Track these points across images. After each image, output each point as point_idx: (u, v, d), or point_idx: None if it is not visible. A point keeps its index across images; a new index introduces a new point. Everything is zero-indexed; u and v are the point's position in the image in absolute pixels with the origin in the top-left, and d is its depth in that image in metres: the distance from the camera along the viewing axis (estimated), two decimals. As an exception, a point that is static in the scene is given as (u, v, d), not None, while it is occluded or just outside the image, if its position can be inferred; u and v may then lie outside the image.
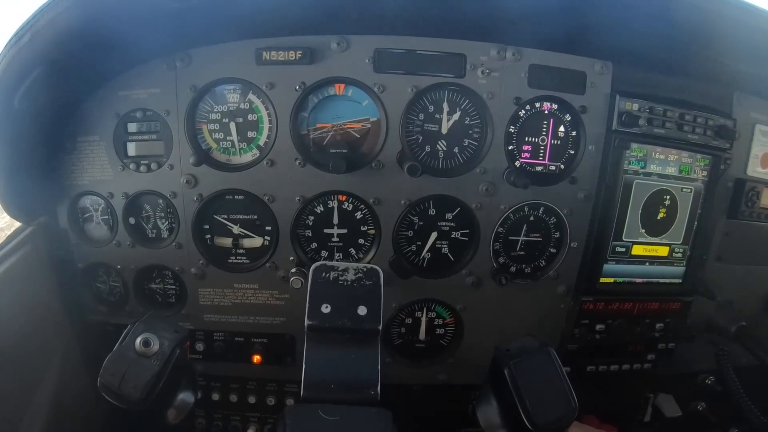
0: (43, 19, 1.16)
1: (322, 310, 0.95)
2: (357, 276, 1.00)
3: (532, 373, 1.01)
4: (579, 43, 1.48)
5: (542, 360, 1.04)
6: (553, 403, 0.98)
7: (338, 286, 0.98)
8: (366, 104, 1.52)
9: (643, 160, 1.59)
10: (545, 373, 1.02)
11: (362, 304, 0.97)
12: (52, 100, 1.42)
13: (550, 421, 0.96)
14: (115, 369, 0.91)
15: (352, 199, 1.58)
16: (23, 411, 1.37)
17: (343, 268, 1.01)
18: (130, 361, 0.92)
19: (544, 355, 1.05)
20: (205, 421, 1.86)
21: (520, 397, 0.98)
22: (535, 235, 1.65)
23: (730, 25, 1.28)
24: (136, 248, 1.62)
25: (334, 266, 1.01)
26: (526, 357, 1.04)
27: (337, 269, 1.00)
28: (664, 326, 1.74)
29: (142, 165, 1.55)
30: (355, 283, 0.99)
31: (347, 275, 1.00)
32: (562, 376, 1.02)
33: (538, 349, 1.07)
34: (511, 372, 1.02)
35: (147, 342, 0.94)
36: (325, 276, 0.99)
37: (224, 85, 1.51)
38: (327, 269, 1.00)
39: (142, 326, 0.97)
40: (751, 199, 1.73)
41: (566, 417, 0.98)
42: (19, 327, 1.37)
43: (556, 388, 1.00)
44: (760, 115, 1.70)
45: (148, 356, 0.93)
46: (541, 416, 0.96)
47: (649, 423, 1.99)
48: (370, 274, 1.01)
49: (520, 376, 1.01)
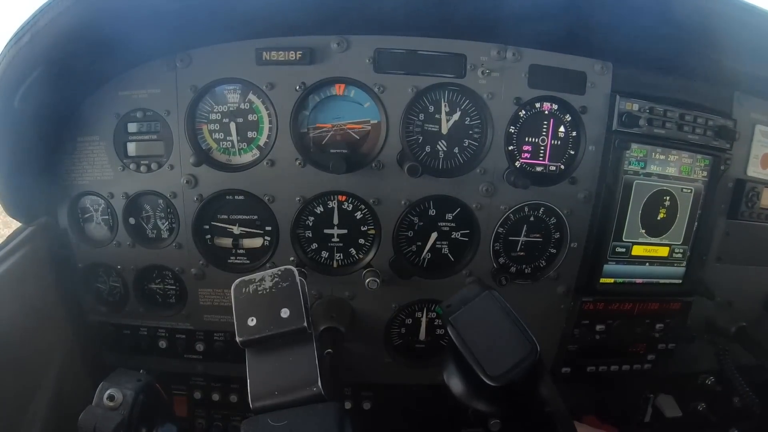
0: (43, 19, 1.16)
1: (248, 323, 0.95)
2: (274, 281, 0.99)
3: (476, 324, 0.94)
4: (579, 43, 1.48)
5: (485, 306, 0.97)
6: (507, 349, 0.91)
7: (258, 296, 0.97)
8: (368, 106, 1.52)
9: (644, 161, 1.59)
10: (491, 319, 0.95)
11: (284, 307, 0.95)
12: (53, 100, 1.42)
13: (508, 368, 0.89)
14: (87, 425, 1.03)
15: (352, 199, 1.58)
16: (23, 411, 1.37)
17: (260, 278, 1.00)
18: (99, 416, 1.04)
19: (486, 300, 0.97)
20: (205, 421, 1.86)
21: (469, 353, 0.92)
22: (535, 235, 1.65)
23: (730, 25, 1.28)
24: (136, 248, 1.62)
25: (252, 279, 1.00)
26: (465, 308, 0.97)
27: (254, 281, 1.00)
28: (664, 326, 1.74)
29: (142, 165, 1.55)
30: (273, 289, 0.98)
31: (264, 284, 0.99)
32: (510, 317, 0.95)
33: (478, 295, 0.99)
34: (453, 328, 0.95)
35: (111, 396, 1.06)
36: (246, 291, 0.99)
37: (224, 85, 1.51)
38: (245, 284, 1.00)
39: (107, 384, 1.09)
40: (751, 200, 1.73)
41: (526, 359, 0.90)
42: (19, 327, 1.37)
43: (507, 333, 0.93)
44: (761, 115, 1.70)
45: (115, 408, 1.05)
46: (496, 367, 0.89)
47: (649, 423, 1.99)
48: (285, 275, 1.00)
49: (464, 330, 0.94)
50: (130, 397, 1.07)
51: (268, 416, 0.87)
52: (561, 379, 1.77)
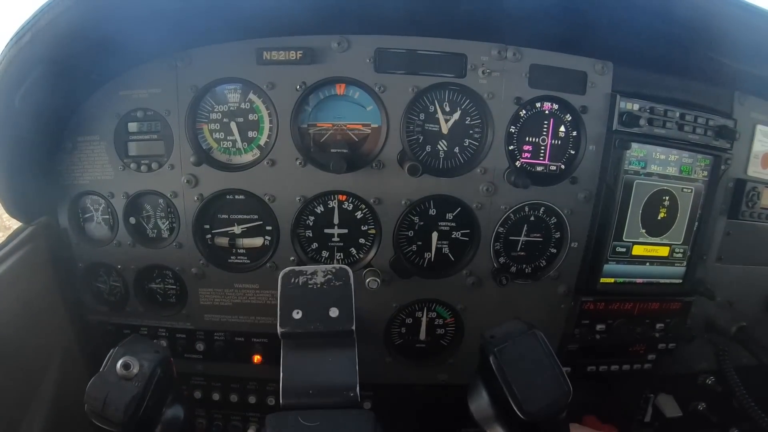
0: (43, 19, 1.16)
1: (293, 316, 0.93)
2: (326, 278, 0.98)
3: (518, 359, 0.96)
4: (579, 43, 1.48)
5: (529, 344, 0.98)
6: (544, 388, 0.93)
7: (308, 290, 0.96)
8: (370, 109, 1.52)
9: (644, 160, 1.59)
10: (533, 357, 0.96)
11: (333, 306, 0.94)
12: (53, 99, 1.42)
13: (542, 407, 0.91)
14: (97, 394, 0.92)
15: (353, 198, 1.58)
16: (23, 411, 1.37)
17: (312, 271, 0.98)
18: (111, 384, 0.93)
19: (531, 338, 0.99)
20: (205, 421, 1.86)
21: (507, 385, 0.93)
22: (535, 235, 1.65)
23: (730, 24, 1.28)
24: (136, 248, 1.62)
25: (303, 270, 0.98)
26: (511, 342, 0.98)
27: (305, 273, 0.98)
28: (665, 326, 1.74)
29: (142, 165, 1.55)
30: (324, 285, 0.97)
31: (316, 278, 0.97)
32: (551, 358, 0.96)
33: (524, 332, 1.00)
34: (496, 359, 0.96)
35: (127, 365, 0.94)
36: (294, 281, 0.97)
37: (225, 84, 1.51)
38: (295, 274, 0.98)
39: (123, 350, 0.98)
40: (751, 200, 1.73)
41: (559, 401, 0.93)
42: (19, 327, 1.37)
43: (546, 372, 0.95)
44: (761, 115, 1.70)
45: (129, 379, 0.94)
46: (531, 403, 0.91)
47: (649, 423, 1.99)
48: (339, 274, 0.98)
49: (506, 363, 0.95)
50: (147, 369, 0.96)
51: (299, 414, 0.86)
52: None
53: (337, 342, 0.94)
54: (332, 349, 0.94)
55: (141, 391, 0.94)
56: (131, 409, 0.92)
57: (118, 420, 0.92)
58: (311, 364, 0.93)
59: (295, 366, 0.93)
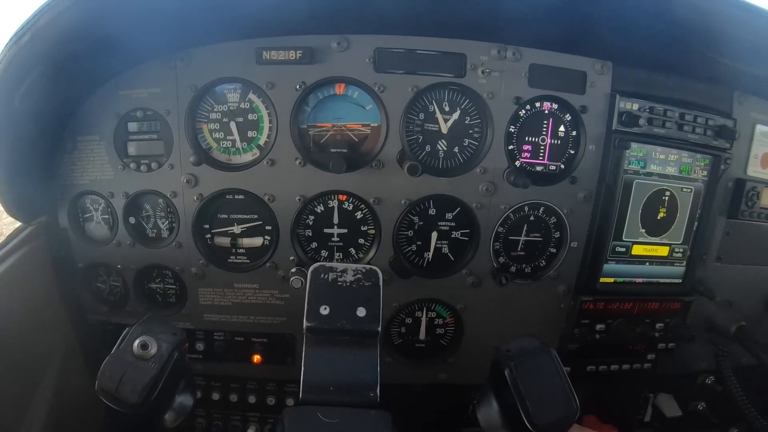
0: (43, 19, 1.16)
1: (320, 311, 0.93)
2: (356, 277, 0.99)
3: (532, 375, 1.01)
4: (579, 42, 1.48)
5: (543, 361, 1.04)
6: (554, 404, 0.98)
7: (337, 287, 0.97)
8: (370, 108, 1.52)
9: (644, 160, 1.59)
10: (546, 374, 1.02)
11: (361, 306, 0.95)
12: (53, 99, 1.42)
13: (551, 422, 0.96)
14: (113, 372, 0.90)
15: (352, 198, 1.58)
16: (23, 411, 1.37)
17: (342, 269, 0.99)
18: (128, 364, 0.91)
19: (545, 355, 1.04)
20: (205, 421, 1.85)
21: (520, 398, 0.98)
22: (535, 234, 1.65)
23: (730, 25, 1.28)
24: (136, 248, 1.62)
25: (333, 267, 0.99)
26: (527, 358, 1.04)
27: (336, 270, 0.99)
28: (664, 326, 1.74)
29: (142, 164, 1.55)
30: (354, 284, 0.98)
31: (346, 276, 0.98)
32: (563, 377, 1.02)
33: (539, 350, 1.06)
34: (511, 373, 1.01)
35: (145, 345, 0.92)
36: (324, 277, 0.98)
37: (224, 84, 1.51)
38: (326, 270, 0.99)
39: (140, 329, 0.95)
40: (751, 199, 1.73)
41: (567, 418, 0.98)
42: (19, 327, 1.37)
43: (557, 390, 1.00)
44: (760, 115, 1.70)
45: (146, 359, 0.92)
46: (541, 417, 0.96)
47: (649, 423, 1.99)
48: (369, 275, 1.00)
49: (521, 378, 1.00)
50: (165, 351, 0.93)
51: (318, 410, 0.87)
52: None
53: (361, 341, 0.95)
54: (356, 349, 0.95)
55: (158, 373, 0.91)
56: (146, 391, 0.90)
57: (132, 401, 0.90)
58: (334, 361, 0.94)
59: (317, 362, 0.93)
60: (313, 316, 0.93)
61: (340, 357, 0.94)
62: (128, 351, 0.92)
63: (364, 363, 0.94)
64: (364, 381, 0.92)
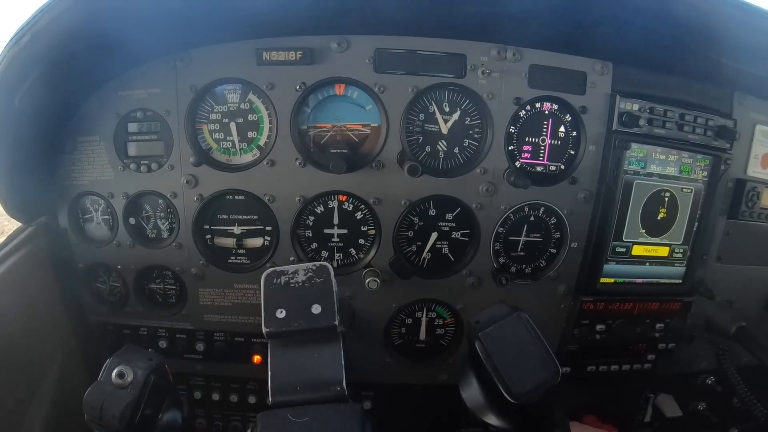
0: (43, 20, 1.16)
1: (277, 315, 0.94)
2: (307, 276, 0.98)
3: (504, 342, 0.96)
4: (579, 43, 1.48)
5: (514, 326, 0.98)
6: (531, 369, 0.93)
7: (290, 289, 0.97)
8: (369, 108, 1.52)
9: (644, 161, 1.59)
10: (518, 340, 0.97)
11: (316, 303, 0.95)
12: (53, 100, 1.42)
13: (531, 389, 0.91)
14: (94, 402, 0.96)
15: (352, 199, 1.58)
16: (24, 411, 1.37)
17: (293, 270, 0.99)
18: (107, 393, 0.98)
19: (515, 320, 0.99)
20: (205, 421, 1.86)
21: (494, 369, 0.93)
22: (535, 235, 1.65)
23: (730, 25, 1.28)
24: (136, 248, 1.62)
25: (285, 270, 0.99)
26: (495, 326, 0.98)
27: (287, 273, 0.99)
28: (664, 326, 1.74)
29: (142, 165, 1.55)
30: (306, 284, 0.97)
31: (298, 277, 0.98)
32: (537, 339, 0.97)
33: (508, 315, 1.01)
34: (481, 344, 0.97)
35: (121, 374, 0.99)
36: (277, 282, 0.98)
37: (224, 85, 1.51)
38: (277, 275, 0.99)
39: (117, 360, 1.03)
40: (751, 200, 1.73)
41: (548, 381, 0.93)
42: (19, 327, 1.37)
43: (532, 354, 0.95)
44: (761, 115, 1.70)
45: (124, 387, 0.99)
46: (519, 385, 0.91)
47: (649, 423, 1.99)
48: (319, 271, 0.99)
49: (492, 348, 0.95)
50: (141, 377, 1.00)
51: (288, 411, 0.87)
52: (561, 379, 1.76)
53: (321, 338, 0.95)
54: (318, 345, 0.95)
55: (136, 397, 0.98)
56: (127, 416, 0.96)
57: (115, 427, 0.95)
58: (298, 361, 0.94)
59: (282, 364, 0.94)
60: (270, 321, 0.94)
61: (303, 356, 0.95)
62: (108, 381, 1.00)
63: (328, 358, 0.94)
64: (329, 376, 0.92)
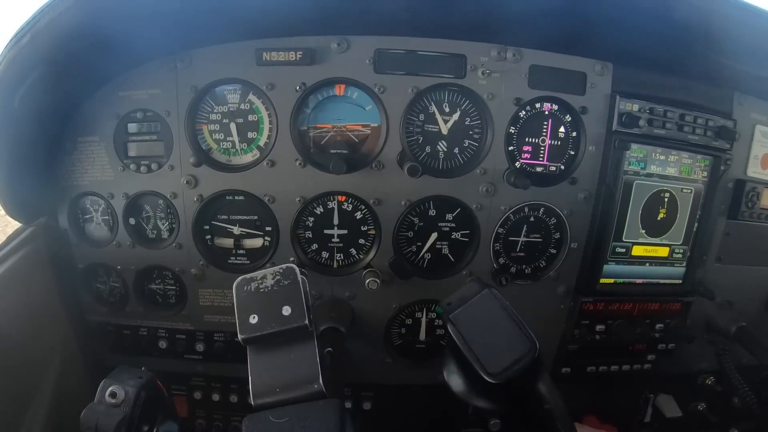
0: (43, 20, 1.16)
1: (250, 321, 0.95)
2: (275, 279, 1.00)
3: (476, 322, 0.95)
4: (579, 43, 1.48)
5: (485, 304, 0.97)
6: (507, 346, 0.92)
7: (260, 294, 0.98)
8: (369, 109, 1.52)
9: (644, 161, 1.59)
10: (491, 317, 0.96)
11: (286, 304, 0.96)
12: (53, 100, 1.42)
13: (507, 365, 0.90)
14: (89, 422, 1.02)
15: (352, 199, 1.58)
16: (23, 411, 1.37)
17: (261, 276, 1.01)
18: (100, 413, 1.03)
19: (485, 298, 0.98)
20: (205, 422, 1.86)
21: (469, 350, 0.93)
22: (535, 235, 1.65)
23: (730, 25, 1.28)
24: (136, 249, 1.62)
25: (254, 277, 1.01)
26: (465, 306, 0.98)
27: (256, 279, 1.00)
28: (664, 327, 1.74)
29: (142, 165, 1.55)
30: (275, 287, 0.99)
31: (266, 281, 1.00)
32: (509, 315, 0.96)
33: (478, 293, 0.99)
34: (453, 326, 0.96)
35: (113, 393, 1.05)
36: (247, 289, 0.99)
37: (224, 85, 1.51)
38: (247, 282, 1.00)
39: (109, 381, 1.09)
40: (751, 200, 1.73)
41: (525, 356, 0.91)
42: (19, 327, 1.37)
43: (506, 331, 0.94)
44: (761, 115, 1.70)
45: (117, 405, 1.05)
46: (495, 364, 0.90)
47: (649, 423, 1.99)
48: (286, 273, 1.01)
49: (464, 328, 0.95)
50: (132, 394, 1.07)
51: (270, 413, 0.88)
52: (561, 379, 1.77)
53: (295, 338, 0.96)
54: (293, 346, 0.97)
55: (128, 414, 1.05)
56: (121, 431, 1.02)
57: None
58: (275, 363, 0.96)
59: (260, 368, 0.96)
60: (244, 328, 0.96)
61: (280, 358, 0.96)
62: (101, 402, 1.06)
63: (303, 358, 0.96)
64: (306, 375, 0.93)
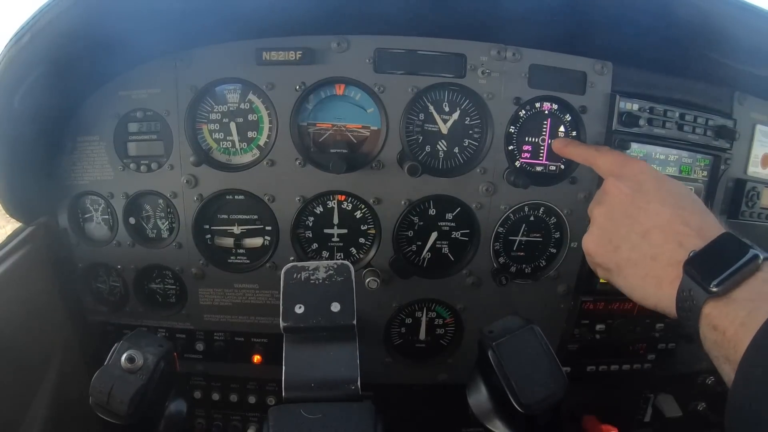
0: (43, 20, 1.16)
1: (295, 310, 0.94)
2: (328, 273, 0.99)
3: (516, 353, 0.99)
4: (579, 43, 1.48)
5: (526, 339, 1.02)
6: (541, 381, 0.96)
7: (310, 285, 0.98)
8: (371, 112, 1.52)
9: (644, 160, 1.59)
10: (530, 351, 1.00)
11: (335, 301, 0.96)
12: (52, 100, 1.42)
13: (539, 399, 0.94)
14: (102, 386, 0.95)
15: (352, 198, 1.58)
16: (23, 411, 1.37)
17: (314, 267, 1.00)
18: (116, 377, 0.96)
19: (528, 333, 1.03)
20: (205, 421, 1.86)
21: (505, 378, 0.96)
22: (535, 235, 1.65)
23: (730, 25, 1.28)
24: (136, 248, 1.62)
25: (305, 266, 1.00)
26: (509, 337, 1.02)
27: (308, 269, 1.00)
28: (665, 326, 1.74)
29: (142, 165, 1.55)
30: (326, 281, 0.98)
31: (318, 273, 0.99)
32: (547, 352, 1.00)
33: (522, 327, 1.04)
34: (494, 354, 0.99)
35: (131, 358, 0.96)
36: (297, 277, 0.99)
37: (224, 85, 1.51)
38: (298, 270, 1.00)
39: (127, 343, 1.01)
40: (751, 200, 1.73)
41: (556, 393, 0.96)
42: (18, 327, 1.37)
43: (543, 366, 0.98)
44: (761, 115, 1.70)
45: (133, 372, 0.96)
46: (529, 396, 0.94)
47: (649, 423, 1.99)
48: (341, 270, 1.00)
49: (504, 357, 0.98)
50: (151, 362, 0.98)
51: (301, 407, 0.87)
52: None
53: (338, 336, 0.96)
54: (333, 344, 0.96)
55: (145, 383, 0.96)
56: (135, 401, 0.94)
57: (122, 412, 0.94)
58: (313, 358, 0.95)
59: (297, 360, 0.94)
60: (288, 316, 0.95)
61: (318, 353, 0.95)
62: (116, 365, 0.97)
63: (343, 357, 0.95)
64: (344, 375, 0.93)
